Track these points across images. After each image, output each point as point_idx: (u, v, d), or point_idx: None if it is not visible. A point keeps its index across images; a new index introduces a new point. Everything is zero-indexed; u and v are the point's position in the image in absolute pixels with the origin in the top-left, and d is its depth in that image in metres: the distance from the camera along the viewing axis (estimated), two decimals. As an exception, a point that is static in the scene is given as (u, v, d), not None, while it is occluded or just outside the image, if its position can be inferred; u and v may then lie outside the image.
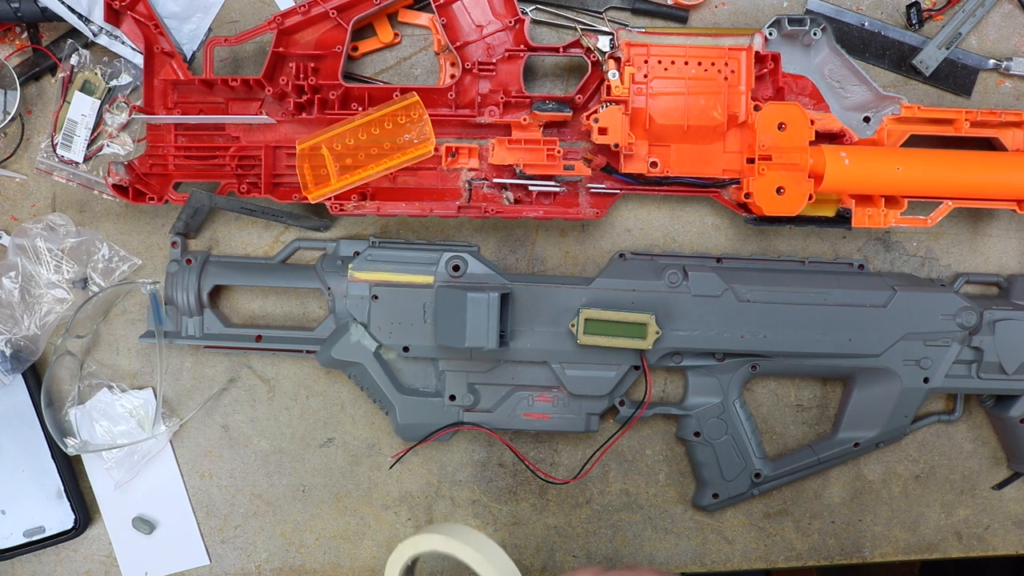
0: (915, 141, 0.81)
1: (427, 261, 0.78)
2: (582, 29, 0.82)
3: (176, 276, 0.80)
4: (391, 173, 0.78)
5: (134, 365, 0.85)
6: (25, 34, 0.83)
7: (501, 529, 0.86)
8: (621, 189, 0.81)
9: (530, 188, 0.81)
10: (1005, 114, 0.80)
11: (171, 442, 0.85)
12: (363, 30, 0.84)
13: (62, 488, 0.83)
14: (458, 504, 0.86)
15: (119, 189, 0.77)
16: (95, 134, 0.83)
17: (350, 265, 0.78)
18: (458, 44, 0.80)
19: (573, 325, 0.76)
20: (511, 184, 0.81)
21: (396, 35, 0.84)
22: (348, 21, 0.79)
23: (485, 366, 0.79)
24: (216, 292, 0.83)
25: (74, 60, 0.81)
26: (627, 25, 0.83)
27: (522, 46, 0.80)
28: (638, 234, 0.86)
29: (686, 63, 0.78)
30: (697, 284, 0.78)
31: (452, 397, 0.79)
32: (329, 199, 0.78)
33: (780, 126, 0.77)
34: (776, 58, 0.80)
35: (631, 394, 0.83)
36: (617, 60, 0.78)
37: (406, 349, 0.78)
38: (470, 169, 0.82)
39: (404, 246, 0.79)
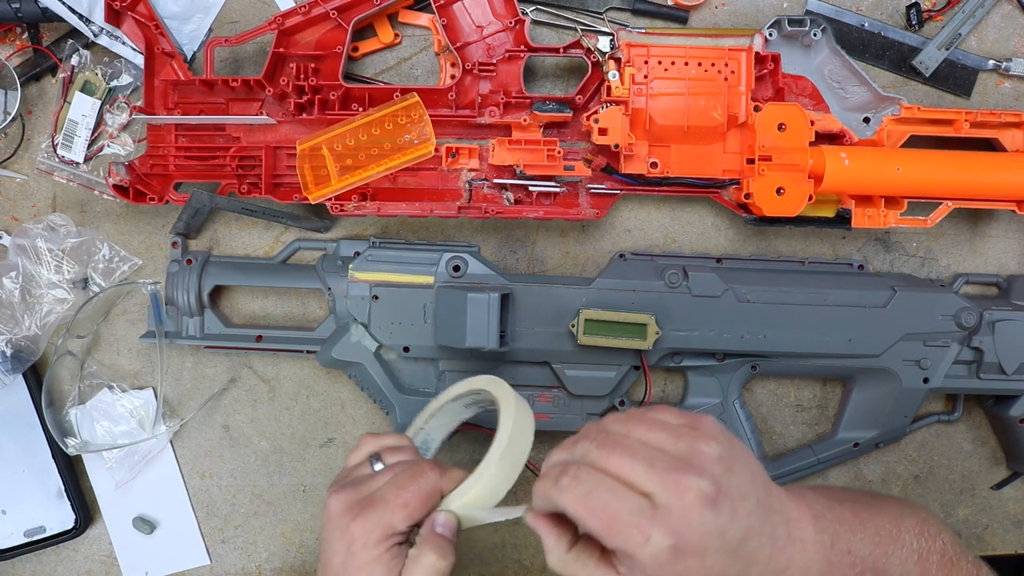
0: (915, 142, 0.81)
1: (427, 261, 0.78)
2: (582, 30, 0.82)
3: (177, 276, 0.80)
4: (391, 173, 0.78)
5: (135, 365, 0.85)
6: (25, 34, 0.83)
7: (501, 529, 0.86)
8: (621, 189, 0.82)
9: (530, 188, 0.81)
10: (1005, 115, 0.80)
11: (171, 442, 0.85)
12: (363, 30, 0.84)
13: (62, 488, 0.83)
14: (458, 504, 0.86)
15: (119, 189, 0.77)
16: (96, 134, 0.83)
17: (350, 265, 0.78)
18: (458, 44, 0.80)
19: (573, 325, 0.76)
20: (511, 184, 0.81)
21: (396, 35, 0.84)
22: (348, 22, 0.79)
23: (485, 366, 0.79)
24: (216, 292, 0.83)
25: (75, 60, 0.81)
26: (627, 26, 0.83)
27: (522, 47, 0.80)
28: (638, 234, 0.86)
29: (686, 64, 0.78)
30: (697, 284, 0.78)
31: (452, 397, 0.79)
32: (329, 199, 0.78)
33: (780, 127, 0.77)
34: (776, 59, 0.80)
35: (631, 394, 0.83)
36: (617, 61, 0.78)
37: (406, 349, 0.78)
38: (470, 170, 0.82)
39: (404, 246, 0.79)
